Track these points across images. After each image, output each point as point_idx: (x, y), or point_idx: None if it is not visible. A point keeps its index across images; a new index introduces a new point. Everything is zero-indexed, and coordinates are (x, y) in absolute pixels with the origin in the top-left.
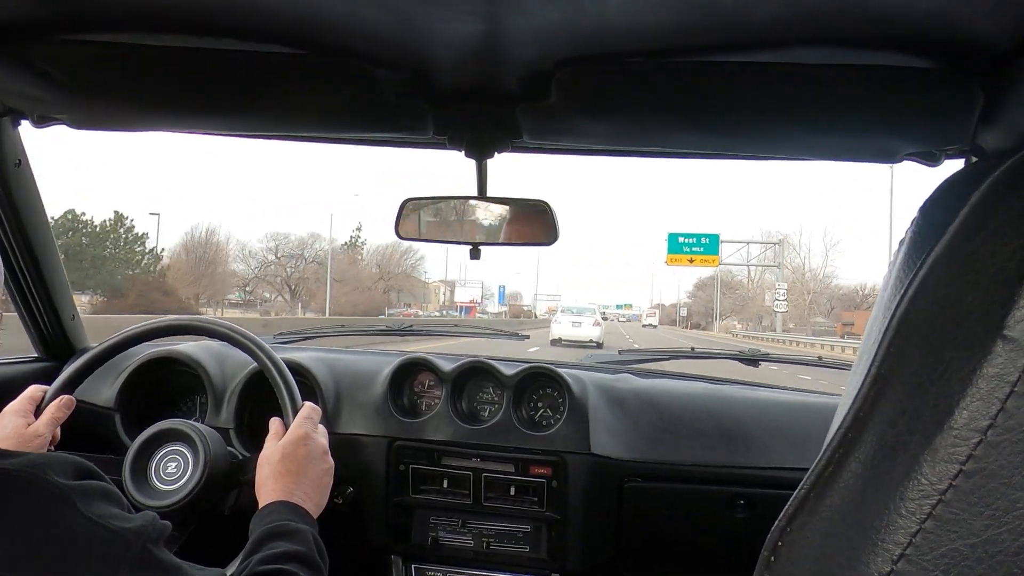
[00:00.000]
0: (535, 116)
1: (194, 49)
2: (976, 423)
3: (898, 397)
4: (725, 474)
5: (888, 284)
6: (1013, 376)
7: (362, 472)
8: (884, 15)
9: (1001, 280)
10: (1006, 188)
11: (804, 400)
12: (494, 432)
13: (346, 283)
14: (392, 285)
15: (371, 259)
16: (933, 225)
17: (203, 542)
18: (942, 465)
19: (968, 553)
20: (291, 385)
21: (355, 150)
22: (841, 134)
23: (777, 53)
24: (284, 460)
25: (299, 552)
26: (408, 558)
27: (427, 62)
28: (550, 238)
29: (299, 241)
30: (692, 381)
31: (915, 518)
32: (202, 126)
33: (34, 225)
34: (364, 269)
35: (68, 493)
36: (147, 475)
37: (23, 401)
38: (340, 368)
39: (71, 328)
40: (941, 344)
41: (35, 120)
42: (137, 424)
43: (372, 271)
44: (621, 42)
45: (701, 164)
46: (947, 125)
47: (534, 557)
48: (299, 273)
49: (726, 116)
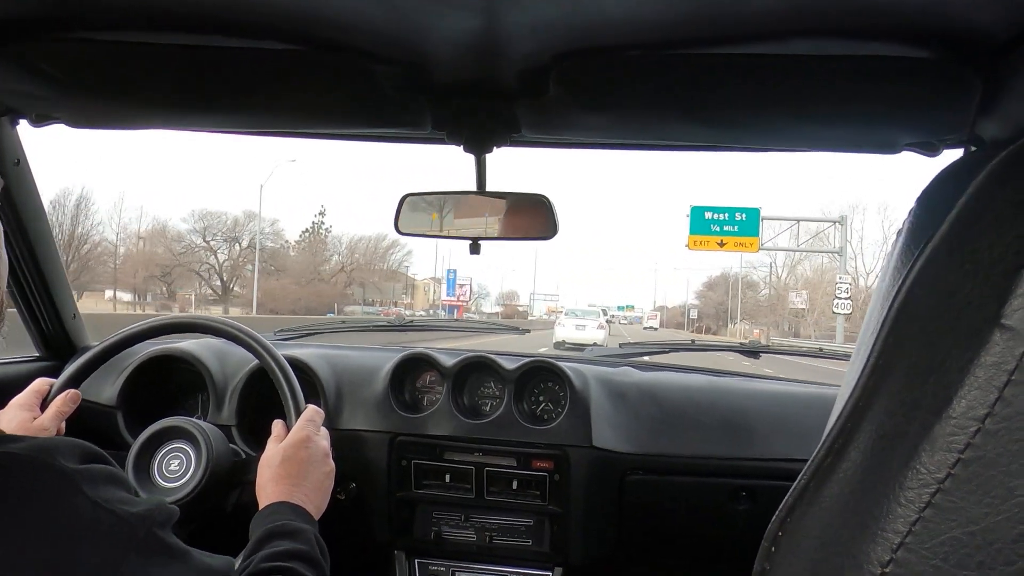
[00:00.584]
0: (534, 110)
1: (191, 46)
2: (974, 412)
3: (897, 387)
4: (727, 466)
5: (886, 274)
6: (1011, 365)
7: (364, 468)
8: (881, 5)
9: (999, 270)
10: (1004, 177)
11: (804, 391)
12: (496, 426)
13: (287, 274)
14: (356, 278)
15: (342, 249)
16: (931, 215)
17: (205, 540)
18: (941, 454)
19: (967, 541)
20: (294, 386)
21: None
22: (840, 125)
23: (775, 45)
24: (285, 463)
25: (301, 551)
26: (411, 553)
27: (426, 57)
28: (549, 232)
29: (233, 222)
30: (693, 374)
31: (914, 507)
32: (200, 123)
33: (34, 224)
34: (321, 259)
35: (75, 477)
36: (150, 472)
37: (29, 394)
38: (342, 364)
39: (72, 327)
40: (939, 334)
41: (33, 119)
42: (139, 422)
43: (333, 262)
44: (619, 36)
45: (709, 157)
46: (946, 115)
47: (537, 551)
48: (232, 260)
49: (725, 109)
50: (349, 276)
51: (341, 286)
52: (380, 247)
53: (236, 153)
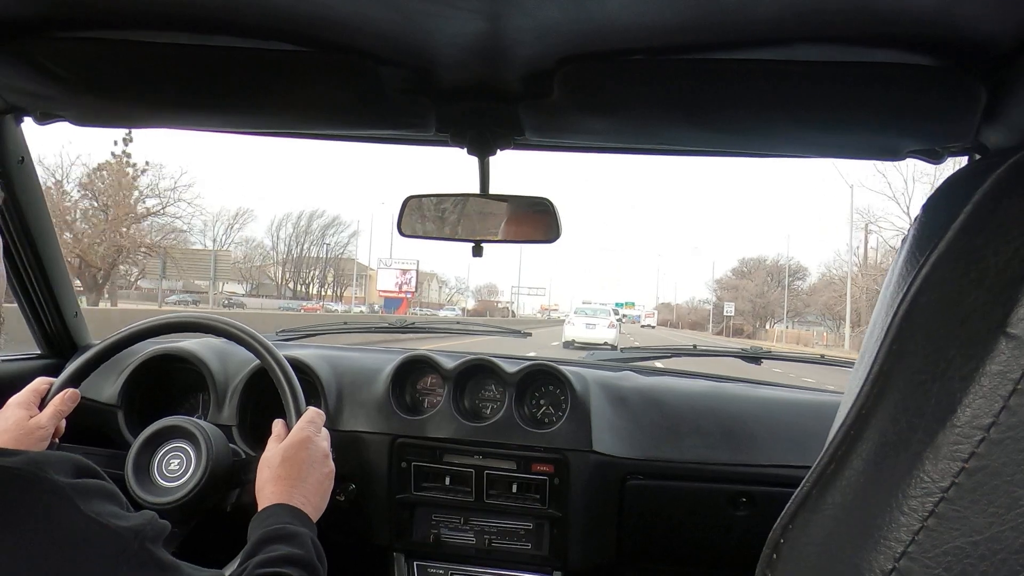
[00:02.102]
0: (537, 113)
1: (197, 46)
2: (979, 420)
3: (900, 395)
4: (727, 472)
5: (891, 281)
6: (1016, 373)
7: (364, 469)
8: (887, 13)
9: (1004, 278)
10: (1009, 186)
11: (806, 398)
12: (496, 429)
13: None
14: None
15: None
16: (936, 222)
17: (204, 539)
18: (945, 463)
19: (971, 551)
20: (295, 387)
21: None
22: (844, 132)
23: (779, 51)
24: (284, 464)
25: (298, 556)
26: (410, 555)
27: (430, 59)
28: (552, 235)
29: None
30: (695, 379)
31: (917, 516)
32: (205, 123)
33: (37, 223)
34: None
35: (68, 491)
36: (150, 471)
37: (28, 393)
38: (343, 366)
39: (74, 325)
40: (944, 342)
41: (38, 117)
42: (140, 421)
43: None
44: (623, 40)
45: (708, 161)
46: (950, 123)
47: (536, 554)
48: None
49: (729, 114)
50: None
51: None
52: (314, 226)
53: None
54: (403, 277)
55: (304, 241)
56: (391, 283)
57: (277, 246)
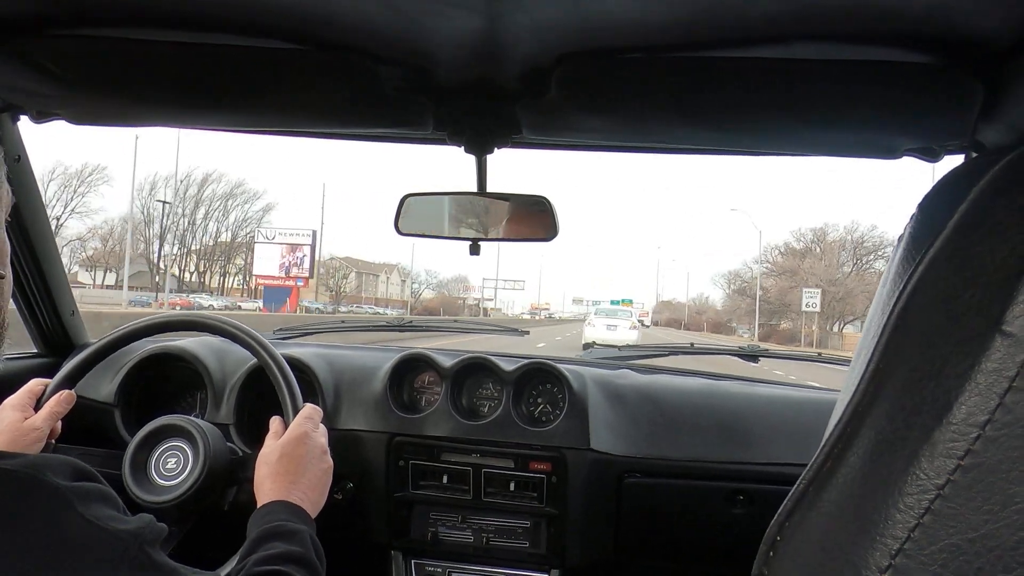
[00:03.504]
0: (535, 111)
1: (194, 44)
2: (974, 418)
3: (896, 392)
4: (724, 470)
5: (887, 280)
6: (1011, 371)
7: (362, 468)
8: (884, 10)
9: (1000, 275)
10: (1005, 184)
11: (803, 396)
12: (494, 428)
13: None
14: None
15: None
16: (932, 221)
17: (202, 538)
18: (940, 460)
19: (966, 548)
20: (292, 384)
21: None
22: (841, 130)
23: (776, 49)
24: (282, 460)
25: (296, 553)
26: (408, 553)
27: (428, 58)
28: (550, 234)
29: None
30: (692, 377)
31: (913, 513)
32: (202, 121)
33: (34, 221)
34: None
35: (67, 494)
36: (147, 470)
37: (23, 395)
38: (340, 364)
39: (71, 324)
40: (939, 340)
41: (34, 116)
42: (137, 420)
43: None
44: (621, 38)
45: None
46: (947, 121)
47: (534, 552)
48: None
49: (726, 112)
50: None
51: None
52: (206, 193)
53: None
54: (291, 256)
55: (193, 213)
56: (273, 266)
57: (151, 221)
